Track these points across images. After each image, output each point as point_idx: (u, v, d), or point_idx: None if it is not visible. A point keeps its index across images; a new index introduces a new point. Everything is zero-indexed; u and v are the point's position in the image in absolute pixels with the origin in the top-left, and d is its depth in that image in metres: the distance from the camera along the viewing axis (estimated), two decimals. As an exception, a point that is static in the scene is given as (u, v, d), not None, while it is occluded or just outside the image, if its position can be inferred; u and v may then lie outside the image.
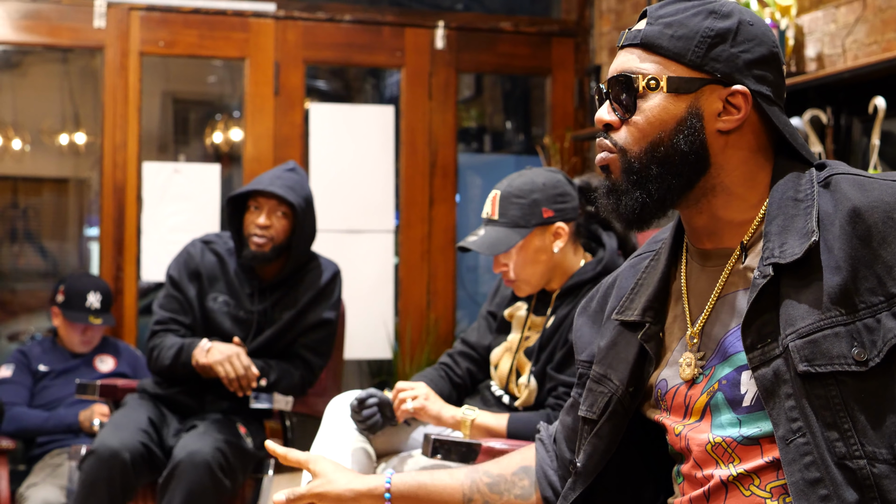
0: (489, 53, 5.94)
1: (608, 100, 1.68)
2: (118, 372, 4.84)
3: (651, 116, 1.63)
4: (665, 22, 1.65)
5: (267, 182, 3.77)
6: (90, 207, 9.20)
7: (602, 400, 1.73)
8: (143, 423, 3.64)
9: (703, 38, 1.63)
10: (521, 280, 2.99)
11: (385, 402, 3.05)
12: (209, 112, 9.59)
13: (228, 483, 3.57)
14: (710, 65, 1.63)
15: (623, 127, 1.66)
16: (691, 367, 1.65)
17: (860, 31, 4.12)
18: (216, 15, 5.57)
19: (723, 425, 1.60)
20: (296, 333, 3.85)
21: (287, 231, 3.80)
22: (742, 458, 1.58)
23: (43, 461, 4.63)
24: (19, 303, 8.60)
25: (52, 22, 5.37)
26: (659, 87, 1.63)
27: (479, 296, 6.89)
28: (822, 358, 1.49)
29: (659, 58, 1.64)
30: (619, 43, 1.70)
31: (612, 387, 1.72)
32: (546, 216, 2.93)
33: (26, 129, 8.65)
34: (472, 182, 7.25)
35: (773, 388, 1.52)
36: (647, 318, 1.72)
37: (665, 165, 1.63)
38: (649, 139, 1.63)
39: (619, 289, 1.82)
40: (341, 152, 5.68)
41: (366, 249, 5.63)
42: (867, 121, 3.96)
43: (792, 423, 1.50)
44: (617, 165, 1.66)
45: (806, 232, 1.55)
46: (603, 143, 1.68)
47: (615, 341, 1.75)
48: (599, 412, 1.73)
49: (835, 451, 1.47)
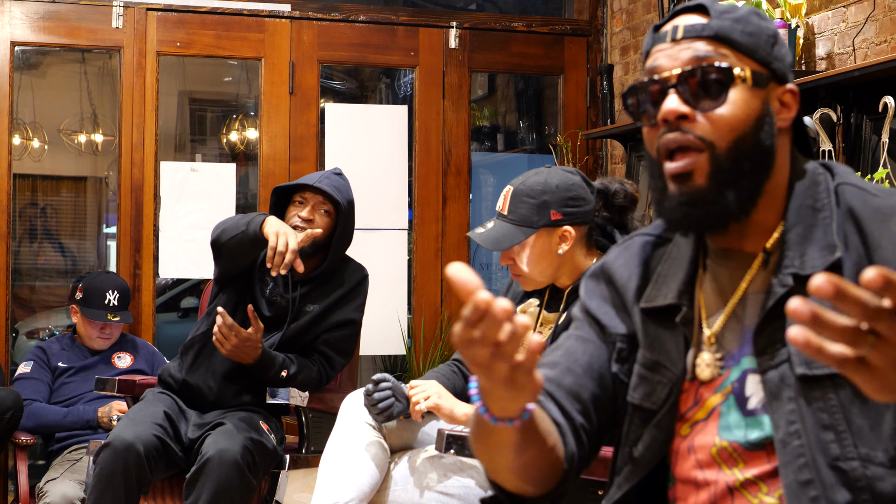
0: (502, 53, 5.97)
1: (676, 91, 1.59)
2: (136, 368, 4.89)
3: (738, 109, 1.58)
4: (733, 17, 1.61)
5: (316, 179, 3.84)
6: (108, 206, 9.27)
7: (663, 390, 1.66)
8: (159, 417, 3.67)
9: (767, 36, 1.62)
10: (524, 275, 3.02)
11: (398, 389, 3.09)
12: (225, 112, 9.65)
13: (255, 482, 3.62)
14: (774, 63, 1.62)
15: (702, 119, 1.58)
16: (711, 368, 1.62)
17: (870, 30, 4.14)
18: (232, 15, 5.61)
19: (730, 427, 1.59)
20: (321, 329, 3.89)
21: (327, 229, 3.85)
22: (747, 462, 1.57)
23: (62, 456, 4.68)
24: (38, 300, 8.67)
25: (71, 23, 5.43)
26: (746, 80, 1.59)
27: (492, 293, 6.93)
28: (819, 361, 1.51)
29: (732, 51, 1.60)
30: (675, 36, 1.62)
31: (672, 375, 1.66)
32: (554, 218, 2.93)
33: (45, 128, 8.72)
34: (485, 180, 7.28)
35: (777, 392, 1.53)
36: (683, 302, 1.66)
37: (755, 160, 1.58)
38: (737, 133, 1.57)
39: (637, 271, 1.75)
40: (356, 151, 5.73)
41: (380, 247, 5.68)
42: (877, 119, 3.97)
43: (790, 426, 1.51)
44: (704, 170, 1.57)
45: (827, 245, 1.55)
46: (682, 139, 1.58)
47: (655, 328, 1.69)
48: (661, 402, 1.65)
49: (828, 453, 1.48)
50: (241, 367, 3.79)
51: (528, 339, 1.32)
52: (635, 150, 5.57)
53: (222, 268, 3.88)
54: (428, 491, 3.01)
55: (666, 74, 1.61)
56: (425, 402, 3.00)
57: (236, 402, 3.85)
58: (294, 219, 3.81)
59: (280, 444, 3.82)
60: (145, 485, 3.58)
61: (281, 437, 3.86)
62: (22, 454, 4.64)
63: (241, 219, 3.77)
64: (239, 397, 3.85)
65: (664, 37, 1.64)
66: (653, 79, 1.62)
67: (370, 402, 3.08)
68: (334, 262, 3.91)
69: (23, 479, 4.60)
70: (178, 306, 8.69)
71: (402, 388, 3.09)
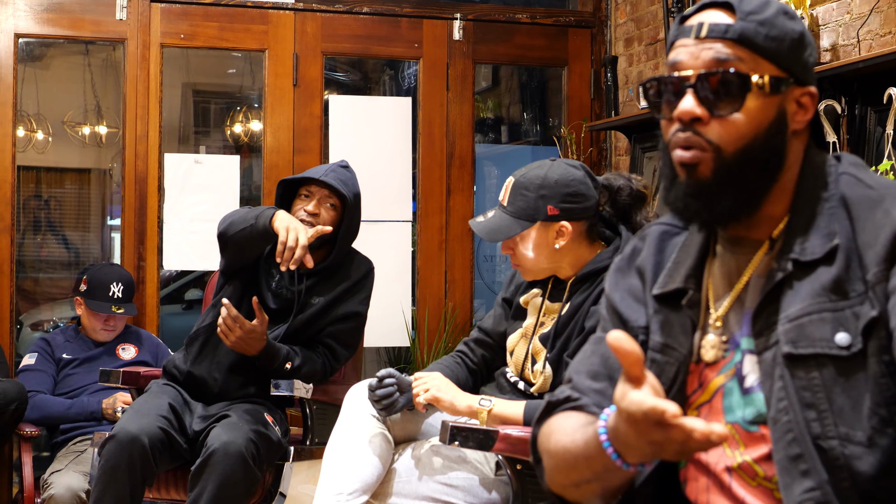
0: (506, 45, 5.97)
1: (693, 91, 1.62)
2: (140, 360, 4.90)
3: (752, 115, 1.60)
4: (758, 20, 1.62)
5: (322, 172, 3.83)
6: (112, 198, 9.28)
7: (671, 369, 1.70)
8: (164, 409, 3.68)
9: (791, 40, 1.63)
10: (523, 266, 3.03)
11: (404, 382, 3.09)
12: (229, 103, 9.66)
13: (259, 474, 3.62)
14: (793, 67, 1.63)
15: (714, 123, 1.61)
16: (715, 349, 1.67)
17: (874, 21, 4.14)
18: (236, 7, 5.61)
19: (732, 408, 1.63)
20: (326, 322, 3.89)
21: (333, 223, 3.84)
22: (747, 444, 1.61)
23: (66, 448, 4.69)
24: (42, 292, 8.68)
25: (74, 15, 5.43)
26: (763, 87, 1.61)
27: (495, 285, 6.94)
28: (804, 340, 1.54)
29: (754, 55, 1.61)
30: (700, 33, 1.64)
31: (679, 355, 1.70)
32: (551, 213, 2.93)
33: (49, 120, 8.72)
34: (488, 172, 7.28)
35: (770, 371, 1.57)
36: (690, 286, 1.71)
37: (761, 166, 1.61)
38: (747, 139, 1.60)
39: (652, 260, 1.79)
40: (360, 143, 5.73)
41: (384, 239, 5.68)
42: (881, 111, 3.97)
43: (779, 403, 1.55)
44: (709, 165, 1.61)
45: (829, 233, 1.58)
46: (692, 139, 1.62)
47: (665, 313, 1.74)
48: (669, 382, 1.69)
49: (810, 431, 1.52)
50: (246, 359, 3.80)
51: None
52: (639, 142, 5.56)
53: (229, 259, 3.88)
54: (431, 482, 3.02)
55: (686, 73, 1.63)
56: (425, 394, 3.01)
57: (241, 393, 3.85)
58: (300, 212, 3.81)
59: (284, 435, 3.83)
60: (150, 477, 3.58)
61: (285, 429, 3.86)
62: (26, 446, 4.64)
63: (249, 212, 3.76)
64: (244, 389, 3.86)
65: (689, 31, 1.65)
66: (672, 75, 1.64)
67: (373, 398, 3.09)
68: (340, 256, 3.91)
69: (27, 471, 4.61)
70: (183, 298, 8.70)
71: (408, 381, 3.10)
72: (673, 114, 1.64)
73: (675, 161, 1.64)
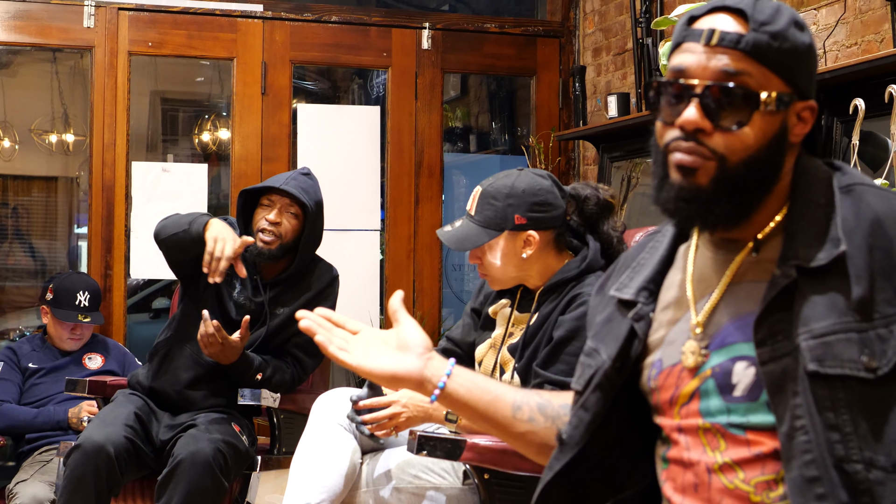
0: (475, 54, 5.99)
1: (699, 101, 1.59)
2: (107, 369, 4.87)
3: (757, 130, 1.59)
4: (770, 32, 1.59)
5: (282, 181, 3.82)
6: (79, 206, 9.22)
7: (588, 372, 1.73)
8: (130, 418, 3.66)
9: (800, 54, 1.61)
10: (490, 276, 3.03)
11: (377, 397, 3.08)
12: (197, 112, 9.62)
13: (227, 484, 3.61)
14: (798, 81, 1.62)
15: (719, 134, 1.59)
16: (695, 356, 1.64)
17: (840, 32, 4.17)
18: (204, 15, 5.60)
19: (711, 412, 1.61)
20: (291, 332, 3.88)
21: (296, 231, 3.83)
22: (728, 445, 1.59)
23: (32, 458, 4.65)
24: (8, 301, 8.61)
25: (42, 22, 5.40)
26: (770, 104, 1.59)
27: (464, 294, 6.94)
28: (832, 360, 1.50)
29: (763, 69, 1.59)
30: (710, 41, 1.60)
31: (600, 360, 1.72)
32: (518, 223, 2.92)
33: (16, 128, 8.66)
34: (457, 181, 7.30)
35: (780, 384, 1.53)
36: (640, 299, 1.71)
37: (761, 179, 1.60)
38: (750, 152, 1.58)
39: (624, 264, 1.82)
40: (328, 152, 5.73)
41: (352, 247, 5.68)
42: (848, 121, 3.99)
43: (795, 421, 1.51)
44: (709, 173, 1.59)
45: (831, 239, 1.55)
46: (694, 149, 1.60)
47: (611, 317, 1.75)
48: (584, 384, 1.73)
49: (833, 453, 1.48)
50: (208, 373, 3.80)
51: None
52: (607, 151, 5.58)
53: (168, 261, 3.90)
54: (399, 492, 3.01)
55: (693, 81, 1.60)
56: (382, 433, 3.00)
57: (206, 404, 3.84)
58: (261, 221, 3.81)
59: (252, 445, 3.81)
60: (116, 486, 3.57)
61: (253, 439, 3.85)
62: (-8, 455, 4.61)
63: (184, 217, 3.78)
64: (207, 400, 3.85)
65: (698, 36, 1.62)
66: (678, 81, 1.62)
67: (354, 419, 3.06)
68: (303, 264, 3.90)
69: (-8, 481, 4.58)
70: (150, 307, 8.66)
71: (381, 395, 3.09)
72: (675, 121, 1.61)
73: (671, 162, 1.62)
